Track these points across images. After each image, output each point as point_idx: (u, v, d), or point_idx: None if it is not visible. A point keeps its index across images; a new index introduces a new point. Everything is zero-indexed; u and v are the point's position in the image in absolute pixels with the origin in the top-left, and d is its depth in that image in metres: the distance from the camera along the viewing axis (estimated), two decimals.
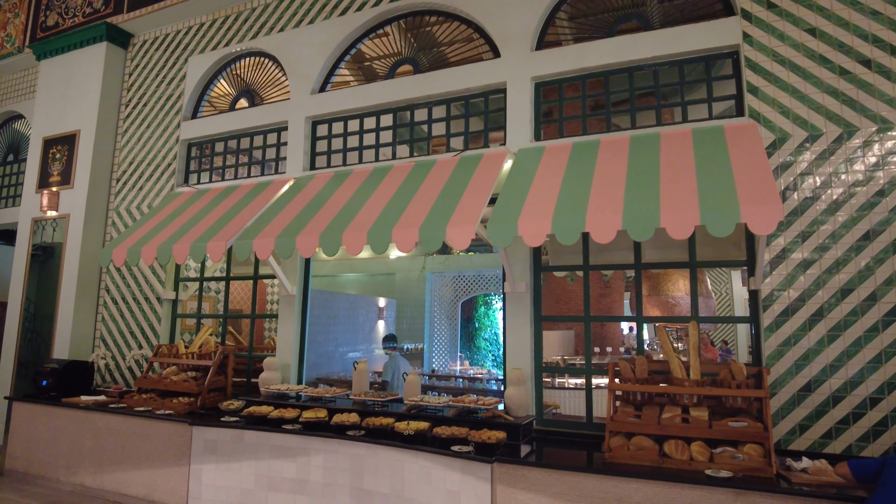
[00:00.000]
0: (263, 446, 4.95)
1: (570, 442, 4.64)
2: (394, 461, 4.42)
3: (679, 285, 11.44)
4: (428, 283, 15.61)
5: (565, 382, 9.12)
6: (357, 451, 4.60)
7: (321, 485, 4.71)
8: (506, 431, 4.34)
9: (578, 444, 4.55)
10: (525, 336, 5.03)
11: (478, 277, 15.38)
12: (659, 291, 11.53)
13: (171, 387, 5.89)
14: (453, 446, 4.19)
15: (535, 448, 4.44)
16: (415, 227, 4.49)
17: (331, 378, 11.49)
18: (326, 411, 4.99)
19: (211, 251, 5.34)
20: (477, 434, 4.18)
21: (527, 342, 5.02)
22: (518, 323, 5.06)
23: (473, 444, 4.14)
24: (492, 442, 4.10)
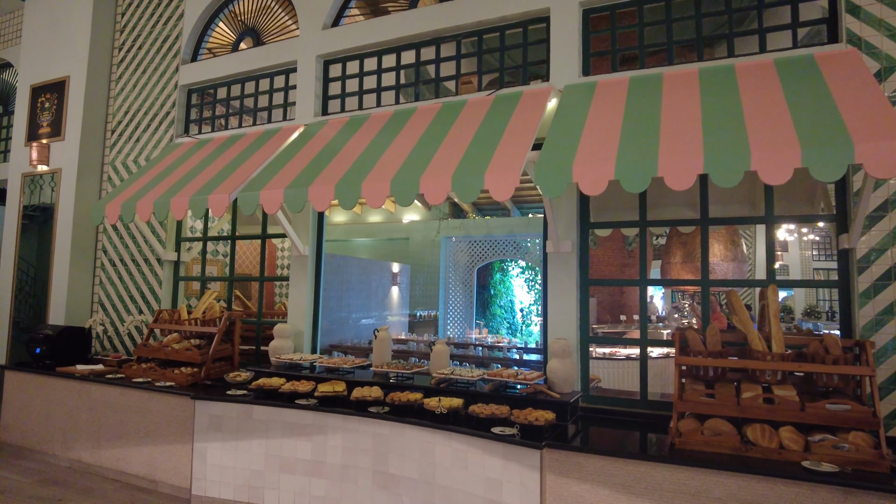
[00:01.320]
0: (275, 423, 4.41)
1: (621, 422, 4.06)
2: (423, 443, 3.87)
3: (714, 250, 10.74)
4: (443, 248, 15.00)
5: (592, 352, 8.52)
6: (380, 430, 4.05)
7: (339, 467, 4.18)
8: (553, 411, 3.76)
9: (631, 425, 3.97)
10: (570, 302, 4.41)
11: (494, 242, 14.73)
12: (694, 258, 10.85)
13: (172, 356, 5.35)
14: (494, 428, 3.62)
15: (583, 429, 3.87)
16: (446, 174, 3.84)
17: (344, 345, 11.00)
18: (345, 385, 4.43)
19: (213, 205, 4.72)
20: (521, 414, 3.60)
21: (572, 309, 4.40)
22: (562, 287, 4.44)
23: (518, 426, 3.56)
24: (539, 424, 3.51)
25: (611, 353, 7.48)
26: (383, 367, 4.64)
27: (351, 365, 4.81)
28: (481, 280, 16.34)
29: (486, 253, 14.94)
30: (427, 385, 4.37)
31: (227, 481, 4.49)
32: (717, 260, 10.45)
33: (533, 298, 16.93)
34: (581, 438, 3.68)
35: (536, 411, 3.61)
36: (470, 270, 15.16)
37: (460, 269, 15.30)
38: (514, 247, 14.56)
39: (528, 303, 17.45)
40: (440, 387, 4.28)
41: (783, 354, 3.45)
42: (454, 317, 15.13)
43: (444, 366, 4.60)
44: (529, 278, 16.73)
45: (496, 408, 3.74)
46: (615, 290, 12.86)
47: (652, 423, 3.95)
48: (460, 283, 15.31)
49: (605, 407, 4.30)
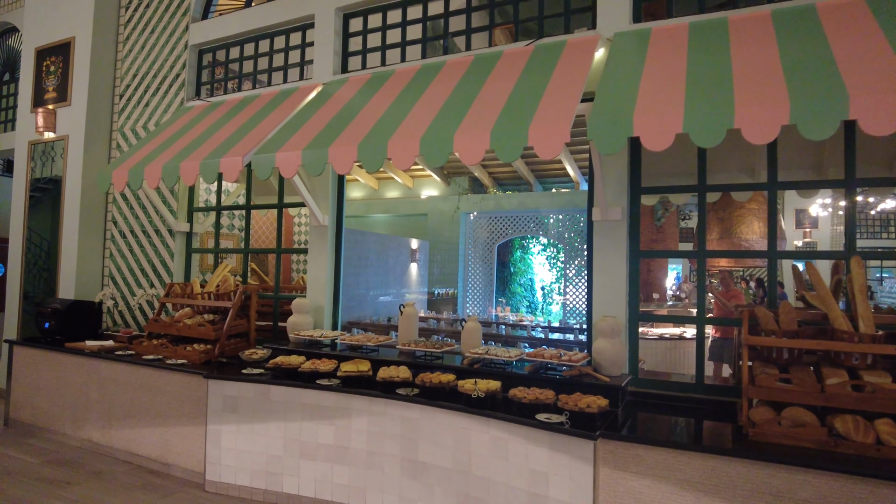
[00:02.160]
0: (294, 405, 4.07)
1: (676, 408, 3.65)
2: (457, 429, 3.50)
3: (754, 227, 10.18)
4: (462, 224, 14.57)
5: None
6: (410, 413, 3.68)
7: (365, 453, 3.83)
8: (604, 396, 3.36)
9: (688, 412, 3.56)
10: (618, 276, 3.98)
11: (515, 218, 14.26)
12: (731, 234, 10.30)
13: (184, 332, 5.02)
14: (539, 414, 3.23)
15: (636, 417, 3.47)
16: (484, 130, 3.40)
17: (363, 322, 10.69)
18: (369, 364, 4.07)
19: (225, 169, 4.33)
20: (570, 400, 3.20)
21: (621, 283, 3.97)
22: (610, 259, 4.00)
23: (568, 413, 3.16)
24: (592, 411, 3.11)
25: (643, 332, 7.05)
26: (410, 346, 4.26)
27: (375, 342, 4.44)
28: (501, 257, 15.92)
29: (507, 229, 14.48)
30: (458, 365, 3.99)
31: (244, 466, 4.18)
32: (756, 237, 9.93)
33: (555, 276, 16.49)
34: (636, 427, 3.28)
35: (587, 397, 3.21)
36: (490, 247, 14.73)
37: (480, 246, 14.87)
38: (536, 223, 14.08)
39: (550, 281, 17.02)
40: (474, 367, 3.90)
41: (874, 335, 3.00)
42: (474, 294, 14.75)
43: (476, 344, 4.21)
44: (551, 256, 16.26)
45: (540, 392, 3.35)
46: (642, 267, 12.39)
47: (711, 411, 3.55)
48: (480, 260, 14.89)
49: (655, 391, 3.89)
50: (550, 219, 13.87)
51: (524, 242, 16.75)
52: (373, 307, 12.18)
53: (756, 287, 11.97)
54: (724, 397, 3.65)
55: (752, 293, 11.04)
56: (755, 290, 11.81)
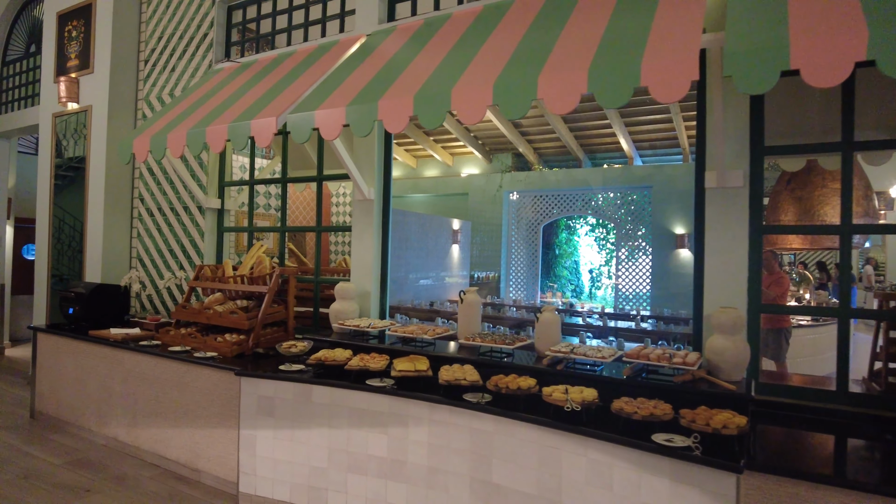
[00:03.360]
0: (340, 409, 3.45)
1: (813, 423, 2.90)
2: (544, 447, 2.81)
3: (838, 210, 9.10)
4: (505, 203, 13.78)
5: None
6: (481, 425, 3.01)
7: (425, 469, 3.19)
8: (732, 408, 2.62)
9: (832, 429, 2.80)
10: (738, 257, 3.20)
11: (563, 197, 13.39)
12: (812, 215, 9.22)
13: (214, 320, 4.46)
14: (656, 435, 2.51)
15: (769, 436, 2.72)
16: (580, 68, 2.65)
17: (404, 307, 10.08)
18: (428, 362, 3.41)
19: (257, 131, 3.69)
20: (697, 417, 2.47)
21: (740, 267, 3.20)
22: (726, 236, 3.23)
23: (696, 434, 2.43)
24: (729, 433, 2.38)
25: None
26: (474, 340, 3.57)
27: (432, 335, 3.77)
28: (545, 239, 15.11)
29: (554, 208, 13.63)
30: (535, 366, 3.30)
31: (282, 479, 3.59)
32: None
33: (604, 258, 15.59)
34: (785, 453, 2.54)
35: (720, 413, 2.48)
36: (535, 228, 13.92)
37: (524, 227, 14.07)
38: (584, 202, 13.19)
39: (598, 263, 16.13)
40: (556, 369, 3.20)
41: None
42: (517, 278, 14.01)
43: (555, 339, 3.50)
44: (600, 237, 15.35)
45: (654, 405, 2.63)
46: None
47: (860, 429, 2.78)
48: (523, 241, 14.10)
49: (782, 400, 3.13)
50: (600, 197, 12.98)
51: (570, 223, 15.88)
52: (413, 291, 11.58)
53: (820, 272, 10.88)
54: (872, 410, 2.88)
55: (812, 278, 10.00)
56: (819, 274, 10.74)
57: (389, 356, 3.64)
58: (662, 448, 2.41)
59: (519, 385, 2.94)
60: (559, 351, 3.22)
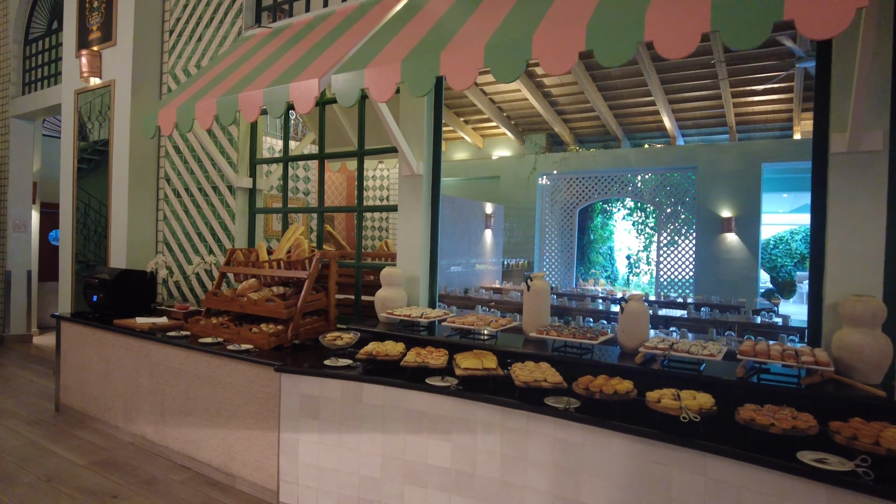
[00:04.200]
0: (395, 412, 3.01)
1: None
2: (647, 462, 2.34)
3: None
4: (538, 186, 13.23)
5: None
6: (567, 435, 2.55)
7: (497, 484, 2.75)
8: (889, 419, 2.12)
9: None
10: (873, 233, 2.67)
11: (600, 179, 12.77)
12: None
13: (249, 308, 4.06)
14: (803, 453, 2.02)
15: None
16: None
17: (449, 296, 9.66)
18: (496, 358, 2.95)
19: (297, 95, 3.25)
20: (860, 433, 1.97)
21: (876, 245, 2.66)
22: (858, 208, 2.69)
23: (867, 458, 1.93)
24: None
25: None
26: (548, 334, 3.10)
27: (495, 327, 3.30)
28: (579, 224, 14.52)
29: (590, 191, 13.03)
30: (621, 364, 2.82)
31: (328, 489, 3.18)
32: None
33: (642, 243, 14.96)
34: None
35: (890, 429, 1.98)
36: (570, 212, 13.34)
37: (557, 211, 13.50)
38: (622, 184, 12.57)
39: (636, 249, 15.50)
40: (652, 368, 2.72)
41: None
42: (550, 265, 13.48)
43: (643, 334, 3.01)
44: (638, 221, 14.71)
45: (792, 415, 2.13)
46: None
47: None
48: (557, 226, 13.54)
49: None
50: (639, 179, 12.35)
51: (606, 206, 15.25)
52: (446, 278, 11.14)
53: None
54: None
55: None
56: None
57: (448, 351, 3.19)
58: (818, 472, 1.92)
59: (616, 389, 2.47)
60: (655, 347, 2.73)
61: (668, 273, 11.76)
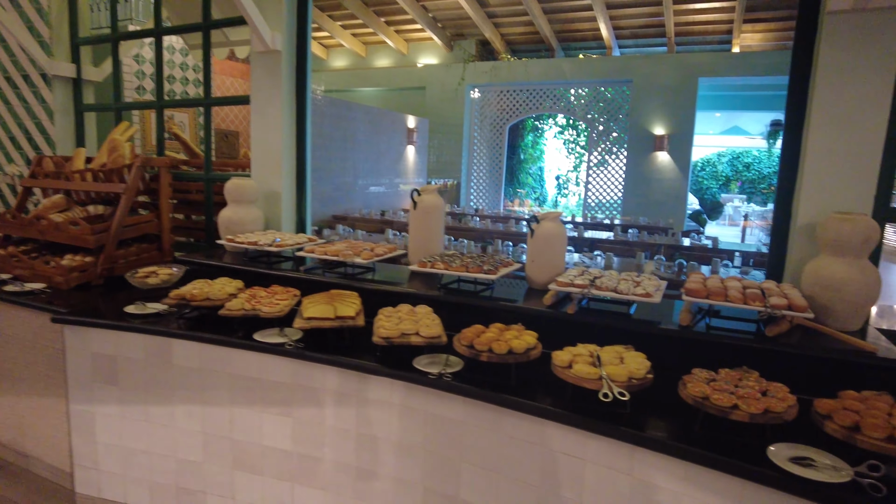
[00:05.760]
0: (217, 377, 2.16)
1: None
2: (550, 453, 1.62)
3: None
4: (467, 99, 12.16)
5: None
6: (446, 411, 1.79)
7: (352, 472, 1.99)
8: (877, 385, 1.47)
9: None
10: (868, 131, 1.95)
11: (533, 92, 11.82)
12: None
13: (49, 234, 3.00)
14: (775, 448, 1.32)
15: None
16: None
17: (351, 217, 8.71)
18: (359, 302, 2.13)
19: None
20: (866, 424, 1.28)
21: (873, 147, 1.95)
22: (853, 92, 1.95)
23: (874, 463, 1.25)
24: None
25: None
26: (434, 266, 2.27)
27: (369, 257, 2.45)
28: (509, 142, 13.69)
29: (522, 106, 12.09)
30: (527, 306, 2.06)
31: (138, 476, 2.34)
32: None
33: (573, 163, 14.34)
34: None
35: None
36: (500, 128, 12.42)
37: (487, 128, 12.54)
38: (555, 99, 11.69)
39: (566, 169, 14.90)
40: (566, 312, 1.96)
41: None
42: (479, 185, 12.68)
43: (558, 265, 2.24)
44: (570, 139, 13.99)
45: (762, 388, 1.43)
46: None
47: None
48: (487, 144, 12.64)
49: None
50: (572, 94, 11.50)
51: (537, 124, 14.40)
52: (362, 199, 10.15)
53: None
54: None
55: None
56: None
57: (302, 292, 2.33)
58: (800, 483, 1.23)
59: (511, 346, 1.70)
60: (571, 283, 1.97)
61: (598, 194, 11.23)
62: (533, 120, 14.07)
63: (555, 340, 1.79)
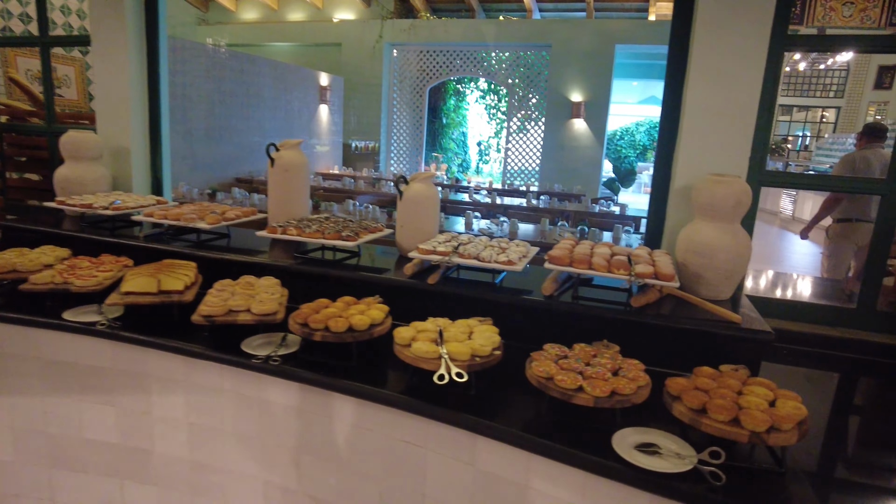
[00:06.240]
0: (23, 362, 1.83)
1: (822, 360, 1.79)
2: (391, 441, 1.44)
3: None
4: (386, 58, 11.66)
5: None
6: (281, 397, 1.57)
7: (187, 465, 1.75)
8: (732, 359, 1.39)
9: None
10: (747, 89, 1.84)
11: (450, 54, 11.47)
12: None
13: None
14: (620, 436, 1.19)
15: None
16: None
17: (256, 180, 8.19)
18: (192, 274, 1.84)
19: None
20: (713, 407, 1.15)
21: (748, 106, 1.85)
22: (731, 51, 1.83)
23: (716, 450, 1.13)
24: (783, 440, 1.10)
25: None
26: (287, 231, 2.01)
27: (215, 221, 2.14)
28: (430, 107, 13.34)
29: (441, 68, 11.72)
30: (386, 276, 1.85)
31: None
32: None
33: (494, 129, 14.21)
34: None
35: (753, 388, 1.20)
36: (420, 90, 12.03)
37: (407, 89, 12.12)
38: (476, 62, 11.41)
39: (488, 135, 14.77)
40: (427, 283, 1.77)
41: None
42: (399, 149, 12.32)
43: (429, 230, 2.04)
44: (491, 105, 13.81)
45: (612, 365, 1.29)
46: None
47: None
48: (407, 106, 12.23)
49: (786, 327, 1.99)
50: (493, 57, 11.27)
51: (459, 87, 14.10)
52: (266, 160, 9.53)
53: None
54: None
55: None
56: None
57: (135, 261, 2.02)
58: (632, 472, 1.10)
59: (351, 324, 1.48)
60: (433, 251, 1.77)
61: (517, 161, 11.18)
62: (455, 83, 13.78)
63: (416, 315, 1.60)
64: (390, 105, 11.98)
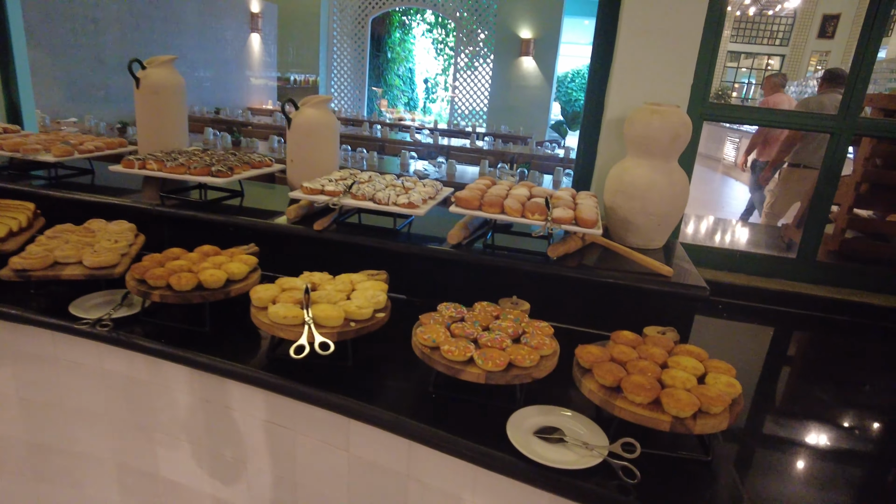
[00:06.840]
0: None
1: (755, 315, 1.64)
2: (257, 423, 1.19)
3: None
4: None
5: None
6: (123, 367, 1.28)
7: (23, 446, 1.46)
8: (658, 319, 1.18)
9: None
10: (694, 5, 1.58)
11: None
12: None
13: None
14: (516, 419, 0.97)
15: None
16: None
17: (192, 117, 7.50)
18: (27, 216, 1.49)
19: None
20: (630, 386, 0.95)
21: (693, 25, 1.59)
22: None
23: (631, 443, 0.92)
24: (709, 427, 0.91)
25: None
26: (144, 165, 1.65)
27: (63, 154, 1.76)
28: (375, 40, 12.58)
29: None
30: (259, 220, 1.56)
31: None
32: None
33: (441, 66, 13.59)
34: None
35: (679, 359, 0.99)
36: (362, 21, 11.25)
37: (348, 19, 11.31)
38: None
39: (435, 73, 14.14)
40: (314, 230, 1.48)
41: None
42: (340, 84, 11.61)
43: (327, 166, 1.74)
44: (438, 39, 13.14)
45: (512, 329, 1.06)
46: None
47: None
48: (348, 37, 11.45)
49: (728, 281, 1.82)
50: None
51: (405, 19, 13.32)
52: (197, 95, 8.83)
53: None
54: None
55: None
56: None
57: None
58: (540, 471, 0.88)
59: (201, 280, 1.19)
60: (320, 190, 1.48)
61: (465, 100, 10.74)
62: (400, 14, 13.00)
63: (304, 268, 1.32)
64: (330, 36, 11.19)
